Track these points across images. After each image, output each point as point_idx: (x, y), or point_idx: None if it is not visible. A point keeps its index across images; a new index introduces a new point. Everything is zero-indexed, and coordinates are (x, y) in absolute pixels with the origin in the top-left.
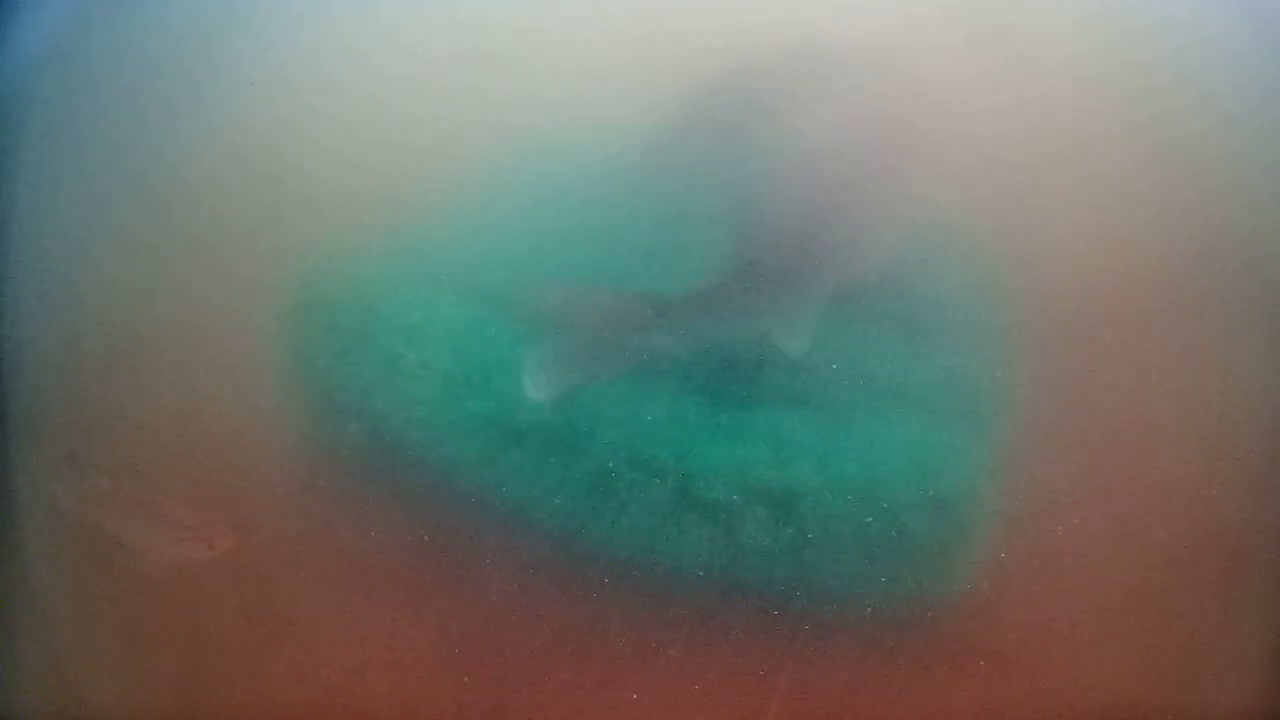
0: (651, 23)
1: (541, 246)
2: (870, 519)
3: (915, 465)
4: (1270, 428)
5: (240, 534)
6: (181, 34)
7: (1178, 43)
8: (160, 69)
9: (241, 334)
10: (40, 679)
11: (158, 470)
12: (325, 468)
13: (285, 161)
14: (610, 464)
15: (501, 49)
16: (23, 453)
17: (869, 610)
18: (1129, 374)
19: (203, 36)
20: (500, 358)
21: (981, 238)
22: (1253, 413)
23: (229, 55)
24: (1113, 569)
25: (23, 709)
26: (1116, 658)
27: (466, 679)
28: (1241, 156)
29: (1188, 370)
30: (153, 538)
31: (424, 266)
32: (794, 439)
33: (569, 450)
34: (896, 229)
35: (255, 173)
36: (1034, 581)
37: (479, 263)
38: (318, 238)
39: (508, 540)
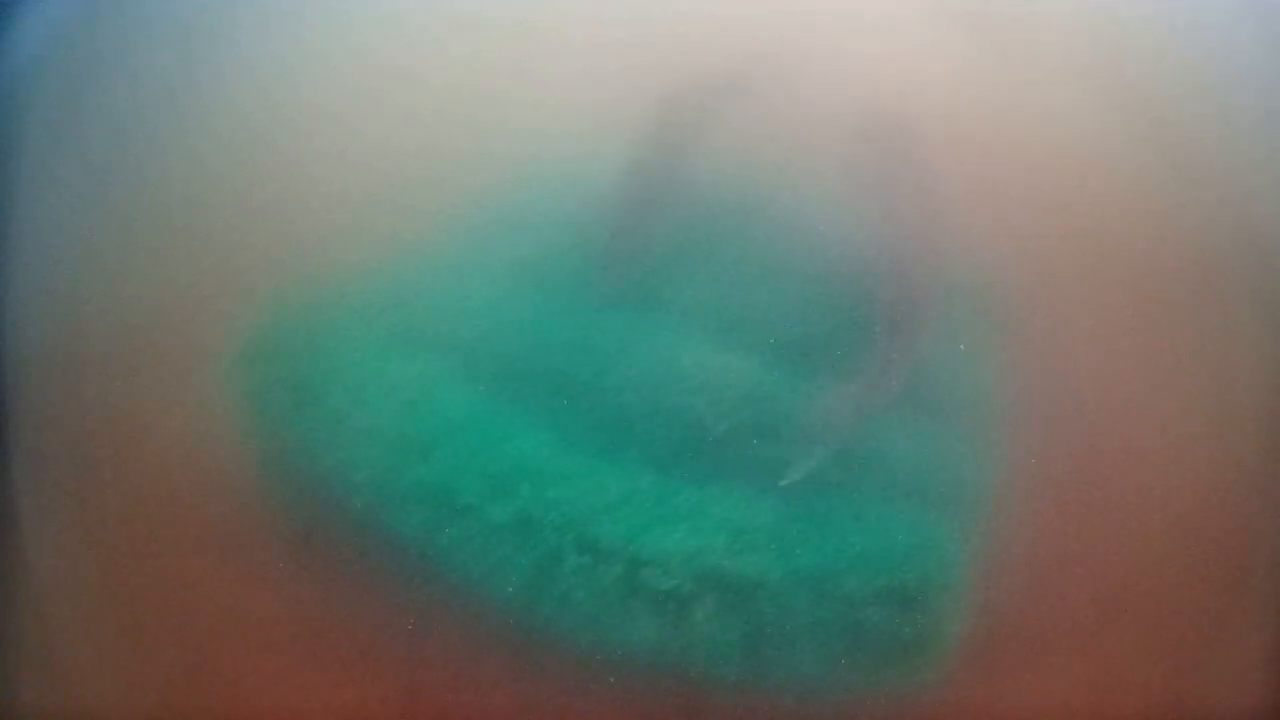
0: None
1: (497, 298)
2: (831, 610)
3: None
4: (1270, 428)
5: (183, 587)
6: (180, 35)
7: (1177, 42)
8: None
9: (189, 378)
10: (40, 679)
11: (105, 508)
12: (270, 526)
13: (240, 208)
14: (552, 547)
15: (454, 110)
16: (23, 453)
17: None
18: (1129, 374)
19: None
20: (446, 422)
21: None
22: (1253, 413)
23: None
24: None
25: (23, 709)
26: None
27: None
28: (1241, 154)
29: (1187, 370)
30: None
31: (374, 319)
32: (748, 523)
33: (515, 528)
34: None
35: (214, 215)
36: (1003, 681)
37: (429, 315)
38: (271, 283)
39: (453, 615)
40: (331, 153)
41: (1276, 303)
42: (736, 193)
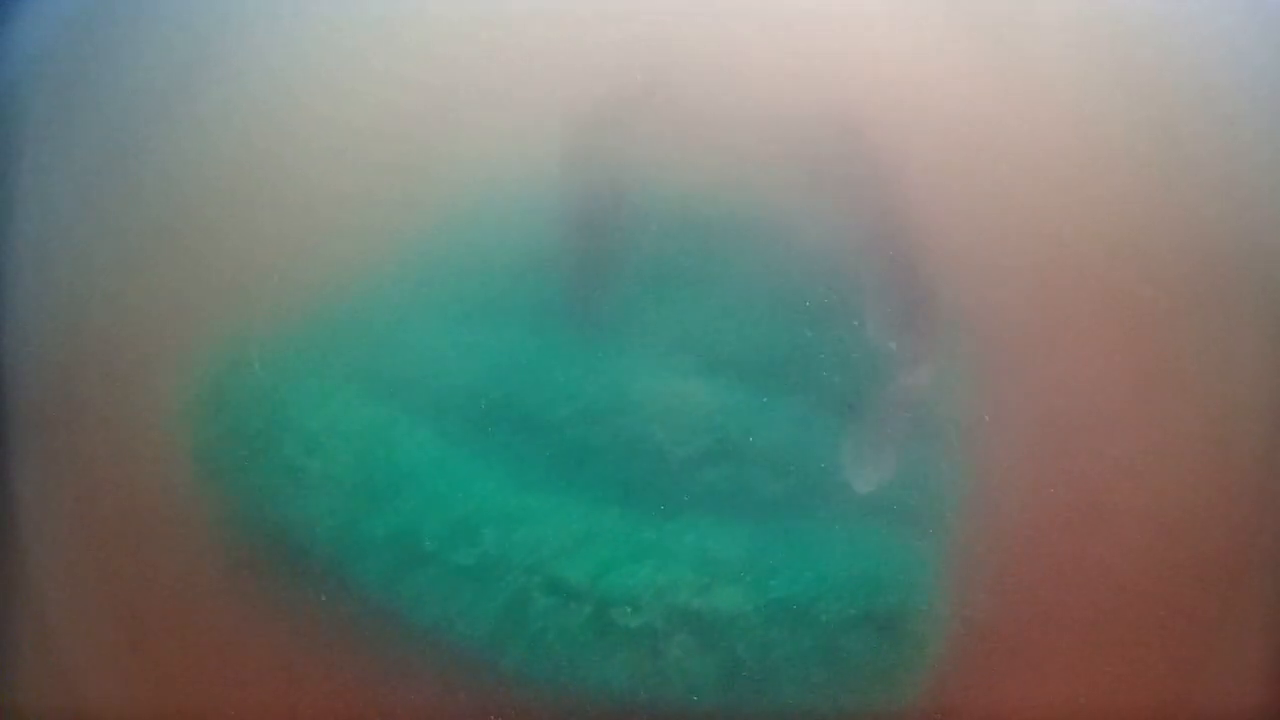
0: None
1: (446, 337)
2: (808, 640)
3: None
4: (1268, 429)
5: (145, 637)
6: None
7: (1177, 41)
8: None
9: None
10: (40, 679)
11: (105, 508)
12: (231, 576)
13: (191, 248)
14: (518, 590)
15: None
16: (23, 453)
17: None
18: (1129, 374)
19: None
20: (404, 468)
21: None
22: (1251, 414)
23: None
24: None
25: (23, 709)
26: None
27: None
28: (1242, 155)
29: (1187, 371)
30: None
31: (325, 364)
32: (718, 556)
33: (480, 572)
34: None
35: (176, 248)
36: (985, 702)
37: (380, 357)
38: (223, 330)
39: (421, 663)
40: (273, 198)
41: (1276, 304)
42: (686, 211)
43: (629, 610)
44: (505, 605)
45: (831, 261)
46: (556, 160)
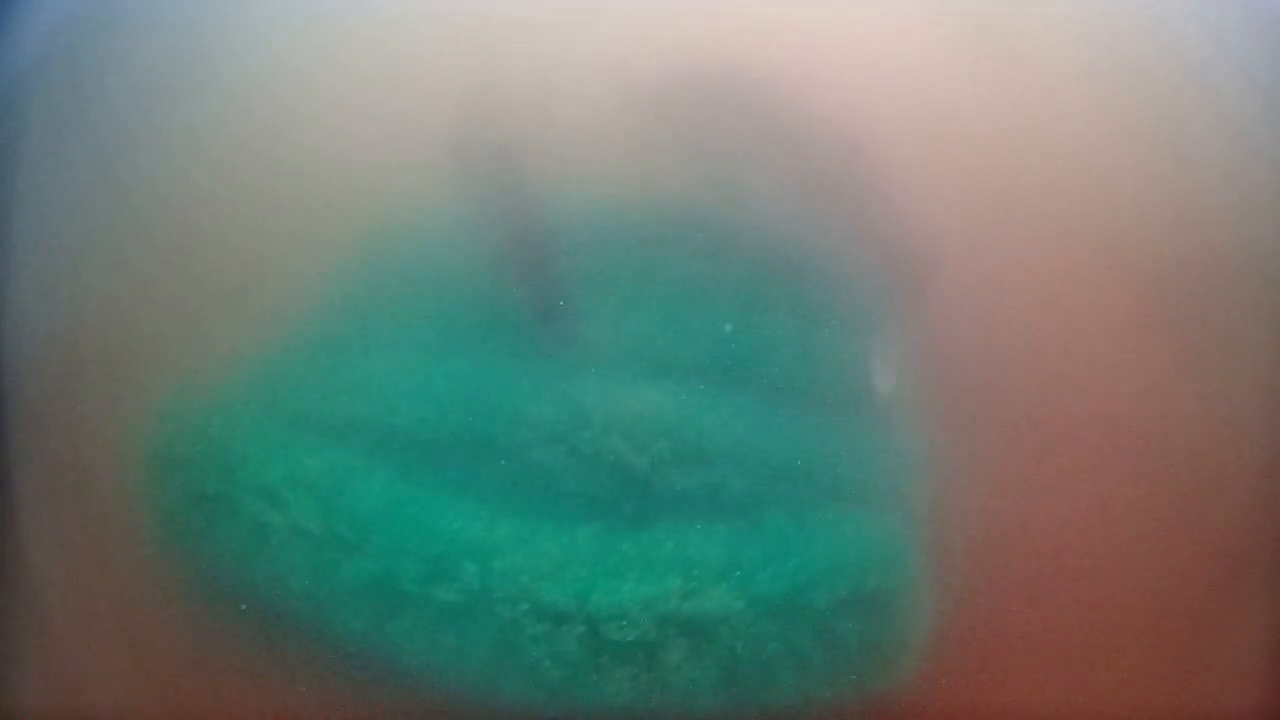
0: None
1: (391, 370)
2: (802, 630)
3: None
4: (1270, 428)
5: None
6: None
7: (1178, 41)
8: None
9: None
10: (40, 679)
11: (105, 508)
12: (206, 648)
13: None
14: (509, 618)
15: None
16: (23, 453)
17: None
18: (1129, 374)
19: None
20: (373, 506)
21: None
22: (1252, 413)
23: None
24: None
25: (23, 709)
26: None
27: None
28: (1241, 156)
29: (1187, 371)
30: None
31: (273, 412)
32: (701, 558)
33: (465, 608)
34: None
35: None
36: (977, 677)
37: (327, 398)
38: (162, 388)
39: (417, 707)
40: (204, 231)
41: (1276, 303)
42: (621, 214)
43: (621, 625)
44: (496, 637)
45: (786, 255)
46: (484, 175)
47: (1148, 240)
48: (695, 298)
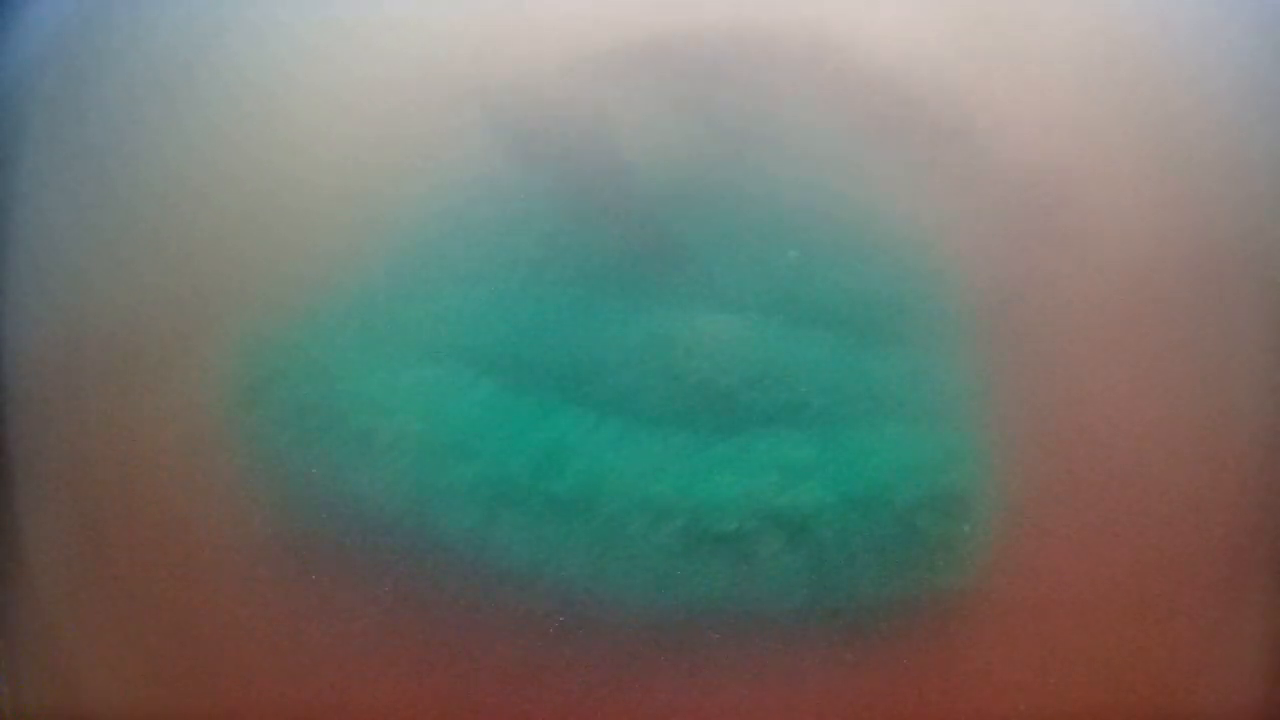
0: None
1: (500, 280)
2: (885, 525)
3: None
4: (1270, 428)
5: (184, 587)
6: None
7: (1177, 41)
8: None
9: (189, 384)
10: (40, 679)
11: (105, 508)
12: (306, 556)
13: (236, 215)
14: (614, 511)
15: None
16: (23, 453)
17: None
18: (1128, 373)
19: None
20: (479, 413)
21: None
22: (1252, 412)
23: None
24: (1111, 562)
25: (23, 709)
26: (1115, 645)
27: None
28: (1241, 156)
29: (1187, 370)
30: None
31: (377, 332)
32: (793, 459)
33: (572, 503)
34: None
35: (210, 221)
36: (1037, 570)
37: (429, 322)
38: (260, 309)
39: (516, 607)
40: (323, 160)
41: (1276, 303)
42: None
43: (721, 516)
44: (601, 530)
45: (848, 199)
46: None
47: (1147, 239)
48: (772, 247)
